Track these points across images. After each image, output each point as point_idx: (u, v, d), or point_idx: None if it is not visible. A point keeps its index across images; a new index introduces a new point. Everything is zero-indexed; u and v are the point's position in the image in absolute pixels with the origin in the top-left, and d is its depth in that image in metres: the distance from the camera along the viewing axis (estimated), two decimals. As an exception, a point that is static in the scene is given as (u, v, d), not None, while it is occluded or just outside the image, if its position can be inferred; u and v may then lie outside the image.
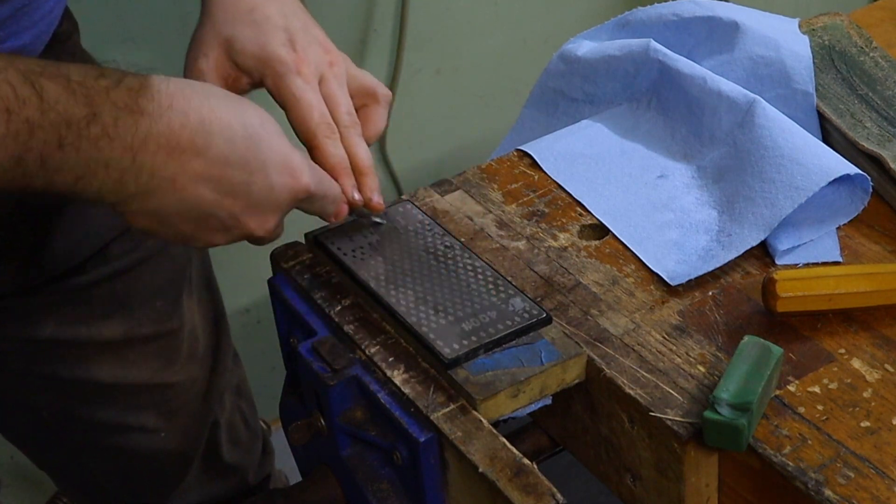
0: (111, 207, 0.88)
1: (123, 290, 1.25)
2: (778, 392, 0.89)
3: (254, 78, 1.01)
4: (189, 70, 1.01)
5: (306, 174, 0.92)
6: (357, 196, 0.98)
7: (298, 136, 0.99)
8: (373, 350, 0.94)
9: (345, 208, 0.98)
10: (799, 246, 1.01)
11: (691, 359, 0.92)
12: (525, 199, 1.09)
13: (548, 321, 0.94)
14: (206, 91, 0.89)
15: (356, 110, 1.02)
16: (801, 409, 0.88)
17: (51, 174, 0.82)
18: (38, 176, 0.82)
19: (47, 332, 1.24)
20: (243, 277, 1.85)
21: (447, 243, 1.02)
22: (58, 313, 1.23)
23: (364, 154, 1.00)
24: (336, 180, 0.97)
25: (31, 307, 1.22)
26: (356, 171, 0.99)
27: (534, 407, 0.92)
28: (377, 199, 1.00)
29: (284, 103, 0.99)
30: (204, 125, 0.87)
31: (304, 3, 1.06)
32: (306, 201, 0.94)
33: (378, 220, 1.03)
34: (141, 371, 1.29)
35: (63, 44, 1.16)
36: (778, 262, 1.00)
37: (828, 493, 0.82)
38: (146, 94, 0.84)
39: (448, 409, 0.88)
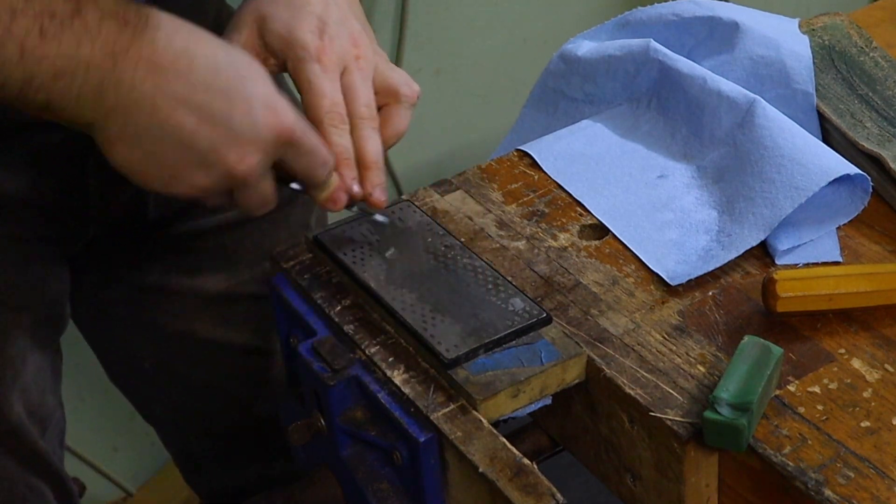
0: (91, 131, 0.86)
1: (231, 245, 1.24)
2: (778, 392, 0.89)
3: (279, 60, 0.99)
4: None
5: (291, 116, 0.90)
6: (357, 189, 0.96)
7: None
8: (373, 350, 0.94)
9: (342, 197, 0.95)
10: (799, 246, 1.01)
11: (691, 359, 0.92)
12: (525, 199, 1.09)
13: (548, 321, 0.94)
14: (199, 29, 0.88)
15: (379, 109, 0.99)
16: (801, 409, 0.88)
17: (31, 67, 0.82)
18: (18, 68, 0.82)
19: (153, 278, 1.23)
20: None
21: (447, 243, 1.02)
22: (164, 260, 1.23)
23: (372, 148, 0.97)
24: (337, 171, 0.95)
25: (139, 252, 1.22)
26: (360, 164, 0.96)
27: (534, 407, 0.92)
28: (378, 194, 0.97)
29: (300, 89, 0.98)
30: (188, 50, 0.86)
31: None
32: (292, 150, 0.91)
33: (380, 218, 1.00)
34: (240, 332, 1.28)
35: None
36: (778, 262, 1.00)
37: (828, 493, 0.82)
38: (133, 9, 0.84)
39: (448, 409, 0.88)
